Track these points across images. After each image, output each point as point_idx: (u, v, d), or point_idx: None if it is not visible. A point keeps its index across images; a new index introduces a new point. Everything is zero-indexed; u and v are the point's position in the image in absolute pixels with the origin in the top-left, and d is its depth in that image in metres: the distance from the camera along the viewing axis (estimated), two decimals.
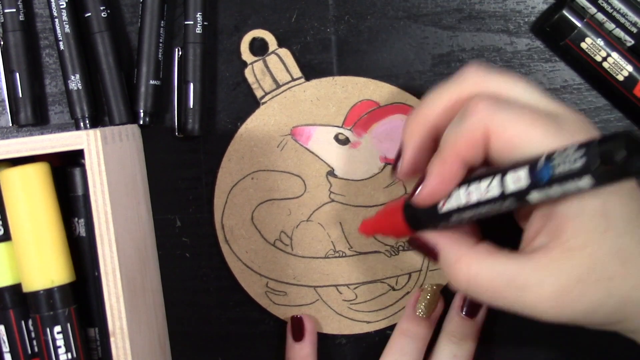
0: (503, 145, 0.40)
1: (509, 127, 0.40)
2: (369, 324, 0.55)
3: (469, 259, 0.42)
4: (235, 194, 0.55)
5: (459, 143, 0.41)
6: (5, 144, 0.45)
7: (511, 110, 0.41)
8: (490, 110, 0.41)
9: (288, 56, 0.54)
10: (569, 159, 0.37)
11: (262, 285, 0.55)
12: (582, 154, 0.36)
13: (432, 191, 0.42)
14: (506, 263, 0.41)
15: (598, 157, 0.35)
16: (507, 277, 0.40)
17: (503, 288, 0.41)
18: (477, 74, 0.43)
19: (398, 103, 0.54)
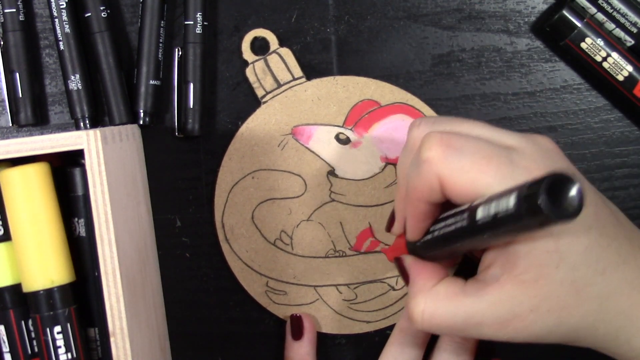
0: (458, 192, 0.41)
1: (462, 176, 0.40)
2: (369, 324, 0.55)
3: (425, 298, 0.43)
4: (236, 193, 0.54)
5: (418, 190, 0.43)
6: (5, 144, 0.45)
7: (462, 155, 0.40)
8: (439, 158, 0.41)
9: (289, 55, 0.54)
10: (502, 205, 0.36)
11: (262, 284, 0.55)
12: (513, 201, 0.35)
13: (414, 228, 0.45)
14: (461, 302, 0.42)
15: (524, 204, 0.34)
16: (461, 317, 0.42)
17: (459, 326, 0.42)
18: (421, 126, 0.44)
19: (399, 103, 0.54)
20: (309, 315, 0.54)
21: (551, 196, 0.33)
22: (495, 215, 0.37)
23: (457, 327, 0.42)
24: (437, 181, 0.41)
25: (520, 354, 0.55)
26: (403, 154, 0.46)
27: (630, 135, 0.54)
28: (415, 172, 0.43)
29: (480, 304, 0.41)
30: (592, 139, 0.54)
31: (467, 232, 0.40)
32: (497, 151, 0.40)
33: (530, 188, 0.34)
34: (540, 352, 0.55)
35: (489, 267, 0.42)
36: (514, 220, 0.35)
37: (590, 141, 0.54)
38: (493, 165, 0.40)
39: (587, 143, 0.54)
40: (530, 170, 0.40)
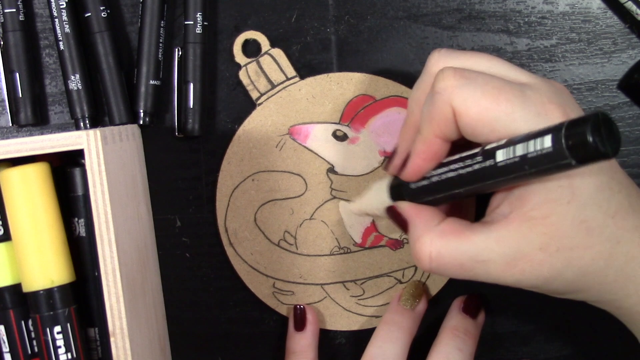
0: (469, 123, 0.41)
1: (473, 105, 0.40)
2: (378, 319, 0.55)
3: (431, 237, 0.42)
4: (237, 196, 0.55)
5: (433, 122, 0.42)
6: (5, 144, 0.45)
7: (474, 85, 0.41)
8: (453, 87, 0.41)
9: (281, 56, 0.54)
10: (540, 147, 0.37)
11: (269, 286, 0.55)
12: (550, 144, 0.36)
13: (417, 168, 0.44)
14: (468, 239, 0.41)
15: (565, 148, 0.35)
16: (469, 253, 0.41)
17: (467, 263, 0.41)
18: (441, 57, 0.44)
19: (394, 96, 0.54)
20: (312, 308, 0.54)
21: (597, 132, 0.34)
22: (524, 156, 0.37)
23: (464, 267, 0.41)
24: (450, 111, 0.41)
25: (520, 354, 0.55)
26: (416, 87, 0.45)
27: (631, 135, 0.54)
28: (429, 105, 0.42)
29: (488, 240, 0.41)
30: None
31: (484, 174, 0.40)
32: (510, 84, 0.41)
33: (573, 126, 0.35)
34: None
35: (497, 208, 0.42)
36: (550, 160, 0.36)
37: None
38: (504, 96, 0.40)
39: None
40: (542, 105, 0.40)
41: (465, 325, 0.52)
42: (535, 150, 0.37)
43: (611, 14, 0.54)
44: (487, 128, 0.40)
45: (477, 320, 0.53)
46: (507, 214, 0.41)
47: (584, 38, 0.54)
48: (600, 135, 0.34)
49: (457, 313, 0.53)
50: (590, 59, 0.54)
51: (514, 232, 0.40)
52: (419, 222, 0.44)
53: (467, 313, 0.53)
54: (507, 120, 0.40)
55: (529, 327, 0.55)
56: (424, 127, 0.43)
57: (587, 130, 0.34)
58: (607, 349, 0.55)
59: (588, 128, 0.34)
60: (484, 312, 0.54)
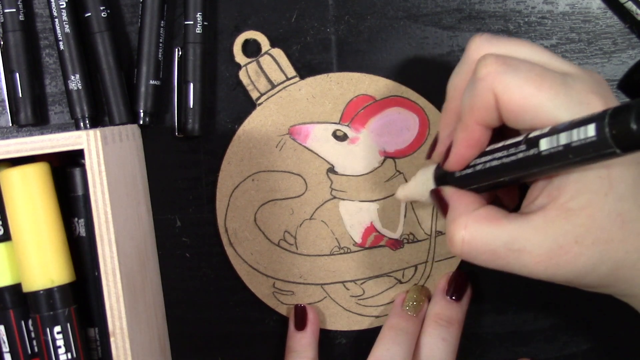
0: (512, 109, 0.41)
1: (516, 91, 0.40)
2: (378, 319, 0.55)
3: (466, 220, 0.42)
4: (237, 196, 0.55)
5: (475, 109, 0.42)
6: (5, 144, 0.45)
7: (517, 72, 0.41)
8: (496, 74, 0.41)
9: (281, 56, 0.54)
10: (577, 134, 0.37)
11: (269, 286, 0.55)
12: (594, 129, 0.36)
13: (460, 157, 0.44)
14: (503, 226, 0.41)
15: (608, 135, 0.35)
16: (503, 240, 0.41)
17: (499, 251, 0.41)
18: (482, 44, 0.44)
19: (394, 96, 0.54)
20: (313, 307, 0.54)
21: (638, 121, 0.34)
22: (567, 145, 0.37)
23: (497, 254, 0.41)
24: (492, 98, 0.41)
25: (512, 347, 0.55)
26: (455, 73, 0.45)
27: None
28: (470, 92, 0.42)
29: (524, 229, 0.40)
30: None
31: (528, 163, 0.40)
32: (552, 73, 0.41)
33: (616, 115, 0.35)
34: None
35: (534, 199, 0.42)
36: (594, 148, 0.36)
37: None
38: (547, 83, 0.40)
39: None
40: (584, 94, 0.40)
41: (449, 313, 0.52)
42: (579, 139, 0.37)
43: (611, 14, 0.54)
44: (529, 115, 0.40)
45: (462, 302, 0.53)
46: (544, 204, 0.41)
47: (584, 38, 0.54)
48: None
49: (441, 298, 0.53)
50: (590, 59, 0.54)
51: (551, 222, 0.40)
52: (458, 205, 0.43)
53: (453, 295, 0.52)
54: (550, 108, 0.40)
55: (529, 327, 0.55)
56: (465, 115, 0.43)
57: (631, 118, 0.34)
58: (607, 349, 0.55)
59: (632, 116, 0.34)
60: (471, 289, 0.54)
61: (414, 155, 0.54)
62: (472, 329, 0.55)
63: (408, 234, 0.54)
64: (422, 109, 0.54)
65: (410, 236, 0.54)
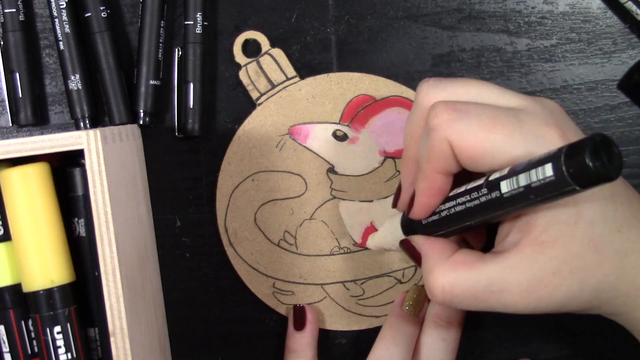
0: (469, 155, 0.41)
1: (470, 138, 0.40)
2: (378, 319, 0.55)
3: (444, 269, 0.42)
4: (237, 196, 0.55)
5: (432, 159, 0.42)
6: (5, 144, 0.45)
7: (468, 118, 0.41)
8: (447, 123, 0.41)
9: (281, 56, 0.54)
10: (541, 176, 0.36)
11: (269, 286, 0.55)
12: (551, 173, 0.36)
13: (424, 205, 0.44)
14: (480, 269, 0.41)
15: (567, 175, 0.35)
16: (483, 283, 0.41)
17: (480, 294, 0.41)
18: (430, 89, 0.44)
19: (394, 96, 0.54)
20: (312, 307, 0.54)
21: (597, 156, 0.34)
22: (527, 186, 0.37)
23: (479, 297, 0.41)
24: (448, 146, 0.41)
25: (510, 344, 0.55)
26: (409, 120, 0.45)
27: (631, 135, 0.54)
28: (426, 143, 0.42)
29: (501, 269, 0.41)
30: None
31: (492, 206, 0.40)
32: (504, 111, 0.41)
33: (572, 153, 0.35)
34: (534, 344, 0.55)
35: (506, 236, 0.42)
36: (554, 187, 0.36)
37: None
38: (499, 124, 0.40)
39: None
40: (539, 127, 0.40)
41: (449, 313, 0.52)
42: (538, 180, 0.37)
43: (611, 14, 0.54)
44: (487, 158, 0.40)
45: None
46: (517, 241, 0.41)
47: (584, 38, 0.54)
48: (600, 159, 0.34)
49: None
50: (590, 59, 0.54)
51: (527, 258, 0.40)
52: (431, 255, 0.44)
53: None
54: (507, 148, 0.40)
55: (529, 327, 0.55)
56: (424, 165, 0.43)
57: (586, 156, 0.34)
58: (607, 349, 0.55)
59: (587, 153, 0.34)
60: None
61: None
62: (472, 329, 0.55)
63: None
64: None
65: None
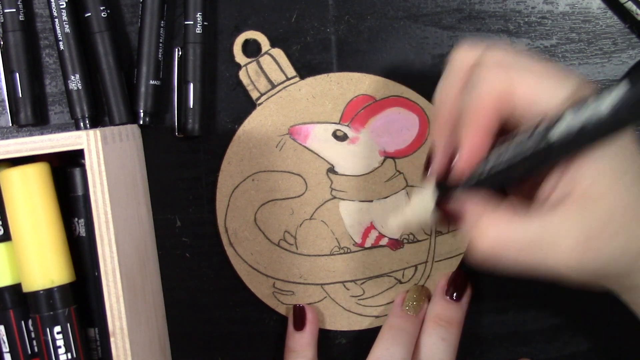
0: (520, 104, 0.40)
1: (521, 85, 0.40)
2: (378, 319, 0.55)
3: (489, 221, 0.41)
4: (237, 196, 0.55)
5: (478, 112, 0.41)
6: (5, 144, 0.45)
7: (518, 66, 0.41)
8: (497, 74, 0.41)
9: (281, 56, 0.54)
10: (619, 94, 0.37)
11: (269, 286, 0.55)
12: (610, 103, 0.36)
13: (466, 162, 0.42)
14: (529, 222, 0.40)
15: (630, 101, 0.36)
16: (531, 235, 0.40)
17: (526, 249, 0.40)
18: (466, 53, 0.43)
19: (394, 96, 0.54)
20: (311, 307, 0.54)
21: None
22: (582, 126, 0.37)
23: (524, 252, 0.40)
24: (495, 97, 0.41)
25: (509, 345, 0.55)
26: (441, 86, 0.44)
27: None
28: (473, 95, 0.41)
29: (551, 222, 0.39)
30: None
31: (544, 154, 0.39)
32: (550, 63, 0.41)
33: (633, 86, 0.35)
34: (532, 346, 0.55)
35: (551, 193, 0.41)
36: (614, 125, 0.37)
37: None
38: (550, 72, 0.40)
39: None
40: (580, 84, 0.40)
41: (449, 313, 0.52)
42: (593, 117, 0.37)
43: (611, 14, 0.54)
44: (537, 106, 0.40)
45: (462, 302, 0.53)
46: (565, 195, 0.40)
47: (584, 38, 0.54)
48: None
49: (441, 298, 0.53)
50: (590, 59, 0.54)
51: (576, 212, 0.39)
52: (474, 209, 0.42)
53: (453, 295, 0.52)
54: (558, 92, 0.40)
55: (529, 327, 0.55)
56: (467, 119, 0.42)
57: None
58: (607, 349, 0.55)
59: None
60: (471, 289, 0.54)
61: (414, 155, 0.54)
62: (472, 329, 0.55)
63: (408, 234, 0.54)
64: (422, 109, 0.54)
65: (410, 236, 0.54)
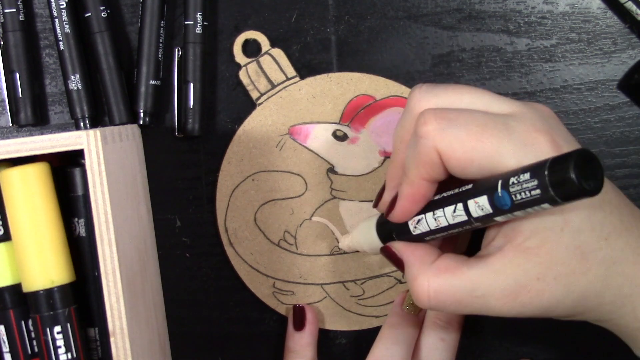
0: (457, 164, 0.41)
1: (458, 147, 0.40)
2: (378, 319, 0.55)
3: (427, 276, 0.42)
4: (237, 196, 0.55)
5: (419, 166, 0.42)
6: (5, 144, 0.45)
7: (458, 126, 0.40)
8: (436, 131, 0.41)
9: (281, 56, 0.54)
10: (524, 186, 0.36)
11: (269, 286, 0.55)
12: (535, 182, 0.36)
13: (405, 210, 0.44)
14: (464, 275, 0.41)
15: (549, 186, 0.35)
16: (467, 289, 0.41)
17: (465, 299, 0.42)
18: (422, 95, 0.44)
19: (394, 96, 0.54)
20: (311, 307, 0.54)
21: (580, 170, 0.34)
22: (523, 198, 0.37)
23: (463, 302, 0.42)
24: (436, 154, 0.41)
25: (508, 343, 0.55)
26: (399, 125, 0.45)
27: (630, 136, 0.54)
28: (414, 150, 0.42)
29: (484, 274, 0.41)
30: (592, 139, 0.54)
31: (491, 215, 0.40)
32: (493, 118, 0.41)
33: (555, 165, 0.35)
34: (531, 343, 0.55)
35: (492, 241, 0.42)
36: (537, 201, 0.36)
37: (590, 141, 0.54)
38: (488, 133, 0.40)
39: (587, 143, 0.54)
40: (528, 134, 0.40)
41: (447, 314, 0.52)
42: (521, 197, 0.37)
43: (611, 14, 0.54)
44: (475, 167, 0.40)
45: None
46: (501, 246, 0.41)
47: (584, 38, 0.54)
48: (584, 174, 0.34)
49: None
50: (590, 59, 0.54)
51: (510, 264, 0.40)
52: (415, 261, 0.44)
53: None
54: (495, 157, 0.40)
55: (529, 327, 0.55)
56: (410, 170, 0.43)
57: (570, 171, 0.34)
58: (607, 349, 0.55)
59: (571, 168, 0.34)
60: None
61: None
62: (472, 329, 0.55)
63: None
64: None
65: None
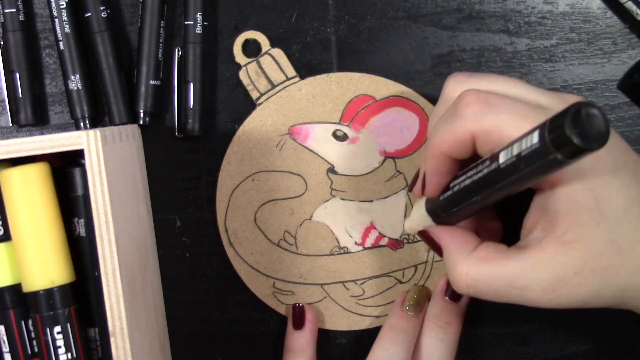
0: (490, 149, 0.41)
1: (496, 135, 0.41)
2: (378, 319, 0.55)
3: (467, 264, 0.43)
4: (237, 196, 0.55)
5: (447, 143, 0.43)
6: (5, 144, 0.45)
7: (498, 112, 0.41)
8: (477, 115, 0.41)
9: (281, 56, 0.54)
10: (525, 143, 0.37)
11: (269, 286, 0.55)
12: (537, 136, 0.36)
13: (434, 184, 0.45)
14: (504, 265, 0.42)
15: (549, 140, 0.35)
16: (505, 280, 0.42)
17: (503, 289, 0.42)
18: (457, 84, 0.44)
19: (394, 96, 0.54)
20: (311, 307, 0.54)
21: (577, 125, 0.34)
22: (519, 154, 0.37)
23: (501, 292, 0.42)
24: (469, 137, 0.41)
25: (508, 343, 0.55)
26: (435, 114, 0.45)
27: (630, 136, 0.54)
28: (446, 126, 0.42)
29: (524, 266, 0.41)
30: None
31: (491, 178, 0.40)
32: (533, 110, 0.41)
33: (555, 120, 0.35)
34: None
35: (530, 232, 0.42)
36: (539, 156, 0.36)
37: None
38: (529, 124, 0.40)
39: None
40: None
41: (448, 313, 0.52)
42: (526, 147, 0.37)
43: (611, 14, 0.54)
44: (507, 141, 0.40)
45: (461, 303, 0.53)
46: (540, 238, 0.41)
47: (584, 38, 0.54)
48: (580, 127, 0.34)
49: (440, 299, 0.53)
50: (590, 59, 0.54)
51: (549, 257, 0.41)
52: (454, 247, 0.44)
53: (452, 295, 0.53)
54: None
55: (529, 327, 0.55)
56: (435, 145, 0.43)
57: (565, 123, 0.34)
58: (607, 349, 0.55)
59: (566, 120, 0.34)
60: None
61: (414, 155, 0.54)
62: (472, 329, 0.55)
63: (408, 234, 0.54)
64: (422, 109, 0.54)
65: (410, 236, 0.54)
